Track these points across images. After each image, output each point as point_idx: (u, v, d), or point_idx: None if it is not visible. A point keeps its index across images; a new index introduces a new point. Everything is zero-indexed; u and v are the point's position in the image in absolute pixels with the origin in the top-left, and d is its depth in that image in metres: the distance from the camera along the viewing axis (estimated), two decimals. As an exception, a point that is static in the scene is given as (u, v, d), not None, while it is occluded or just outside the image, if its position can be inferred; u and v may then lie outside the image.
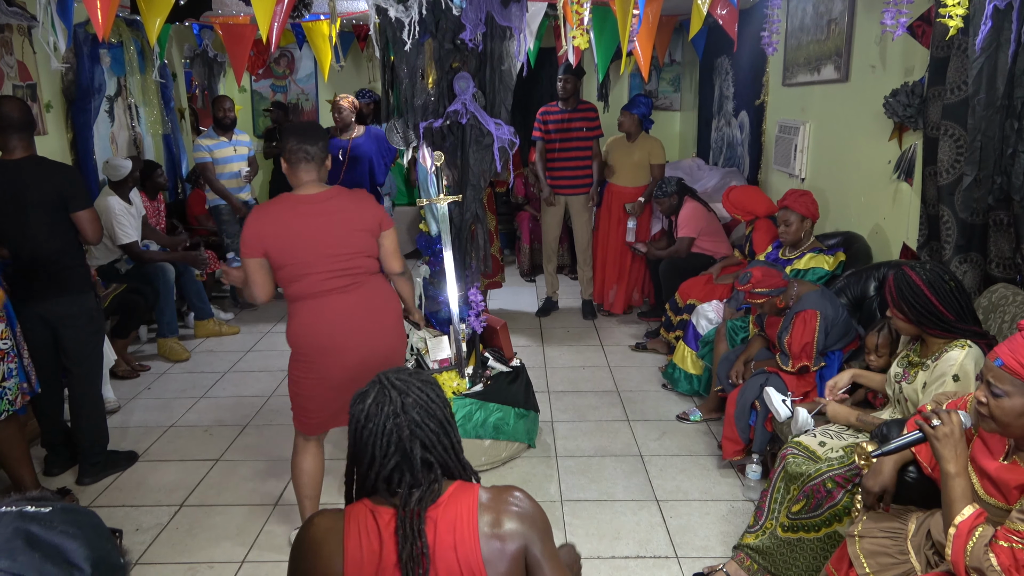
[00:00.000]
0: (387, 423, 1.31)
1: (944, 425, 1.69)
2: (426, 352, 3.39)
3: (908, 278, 2.30)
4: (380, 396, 1.33)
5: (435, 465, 1.34)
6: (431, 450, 1.34)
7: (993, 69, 2.52)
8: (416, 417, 1.32)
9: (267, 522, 3.00)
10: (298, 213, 2.47)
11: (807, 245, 3.71)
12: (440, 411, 1.37)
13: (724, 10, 3.57)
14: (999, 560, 1.50)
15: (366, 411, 1.33)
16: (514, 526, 1.32)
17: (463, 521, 1.31)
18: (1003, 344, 1.63)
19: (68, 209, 3.03)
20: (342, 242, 2.50)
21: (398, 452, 1.31)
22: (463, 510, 1.32)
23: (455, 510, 1.32)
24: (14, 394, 2.88)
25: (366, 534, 1.31)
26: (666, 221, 5.36)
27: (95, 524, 0.81)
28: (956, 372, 2.19)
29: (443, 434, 1.36)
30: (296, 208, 2.48)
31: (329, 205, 2.50)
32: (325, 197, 2.51)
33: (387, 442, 1.31)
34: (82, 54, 4.82)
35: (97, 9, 2.48)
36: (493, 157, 3.16)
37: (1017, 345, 1.59)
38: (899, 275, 2.34)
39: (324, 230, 2.47)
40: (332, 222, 2.49)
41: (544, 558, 1.33)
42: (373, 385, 1.37)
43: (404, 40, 2.92)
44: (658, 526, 2.94)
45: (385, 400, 1.33)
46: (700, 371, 4.08)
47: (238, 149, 5.69)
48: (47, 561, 0.73)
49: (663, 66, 7.35)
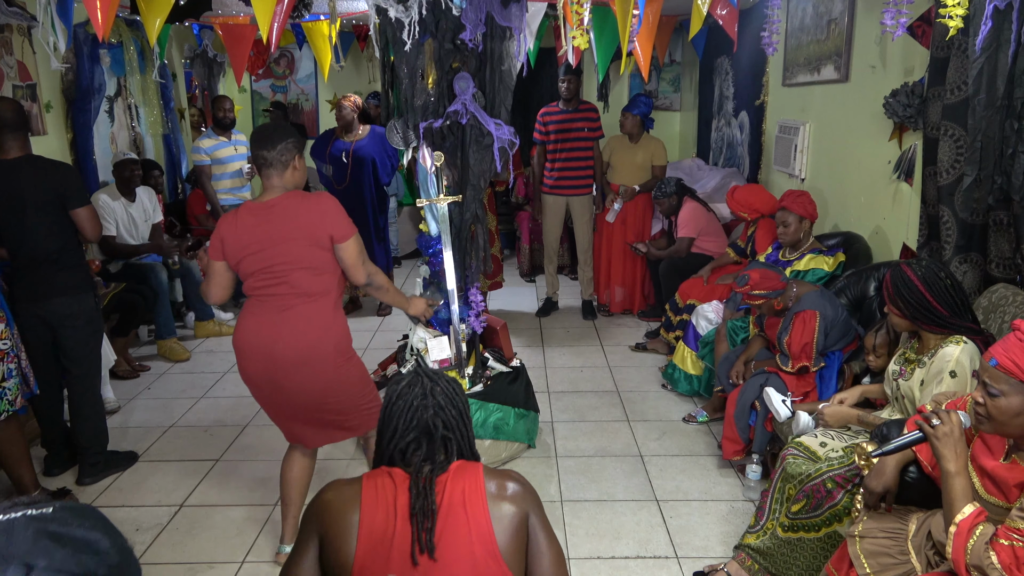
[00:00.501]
0: (415, 401, 1.47)
1: (944, 425, 1.70)
2: (426, 352, 3.39)
3: (903, 274, 2.33)
4: (413, 380, 1.51)
5: (452, 444, 1.48)
6: (452, 431, 1.48)
7: (993, 69, 2.52)
8: (441, 401, 1.48)
9: (267, 522, 3.00)
10: (247, 220, 2.41)
11: (807, 246, 3.71)
12: (461, 404, 1.52)
13: (724, 10, 3.57)
14: (1000, 558, 1.51)
15: (399, 391, 1.50)
16: (517, 490, 1.47)
17: (471, 485, 1.44)
18: (997, 344, 1.65)
19: (66, 207, 3.02)
20: (277, 251, 2.39)
21: (419, 427, 1.46)
22: (470, 477, 1.46)
23: (463, 477, 1.45)
24: (14, 394, 2.87)
25: (382, 487, 1.44)
26: (666, 221, 5.37)
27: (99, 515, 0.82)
28: (953, 368, 2.20)
29: (461, 422, 1.51)
30: (248, 214, 2.42)
31: (272, 212, 2.41)
32: (271, 204, 2.42)
33: (411, 417, 1.46)
34: (82, 54, 4.82)
35: (97, 9, 2.48)
36: (493, 157, 3.16)
37: (1011, 344, 1.61)
38: (895, 271, 2.37)
39: (263, 238, 2.39)
40: (271, 230, 2.39)
41: (541, 528, 1.47)
42: (410, 373, 1.54)
43: (404, 40, 2.92)
44: (658, 526, 2.94)
45: (417, 383, 1.50)
46: (700, 371, 4.08)
47: (239, 148, 5.70)
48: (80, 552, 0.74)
49: (663, 66, 7.35)
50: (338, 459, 3.46)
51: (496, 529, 1.40)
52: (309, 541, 1.44)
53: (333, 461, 3.43)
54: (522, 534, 1.44)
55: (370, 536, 1.39)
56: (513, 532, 1.42)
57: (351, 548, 1.38)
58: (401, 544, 1.38)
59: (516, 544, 1.42)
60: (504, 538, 1.41)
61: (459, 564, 1.37)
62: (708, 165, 6.50)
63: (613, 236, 5.52)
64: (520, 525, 1.43)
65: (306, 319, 2.44)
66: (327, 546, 1.42)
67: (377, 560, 1.38)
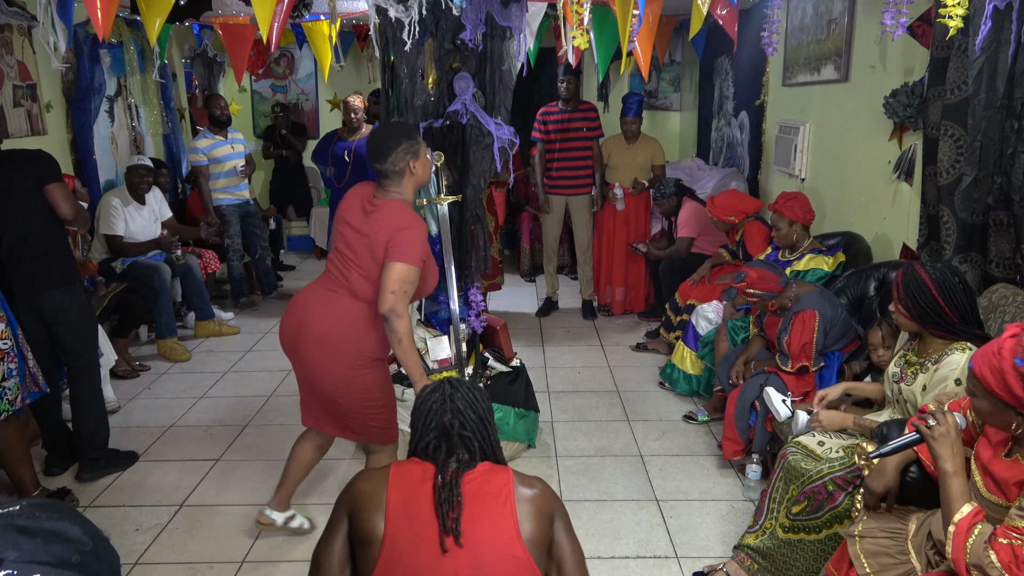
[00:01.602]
0: (434, 405, 1.61)
1: (940, 425, 1.72)
2: (426, 352, 3.39)
3: (917, 275, 2.28)
4: (438, 386, 1.65)
5: (474, 444, 1.59)
6: (473, 432, 1.59)
7: (993, 69, 2.52)
8: (459, 406, 1.61)
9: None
10: (359, 204, 2.56)
11: (806, 246, 3.71)
12: (481, 408, 1.64)
13: (724, 10, 3.57)
14: (999, 557, 1.51)
15: (423, 396, 1.65)
16: (544, 493, 1.57)
17: (499, 484, 1.54)
18: (982, 347, 1.69)
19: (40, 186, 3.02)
20: (353, 243, 2.50)
21: (438, 428, 1.59)
22: (499, 477, 1.56)
23: (493, 477, 1.56)
24: (14, 394, 2.88)
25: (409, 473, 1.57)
26: (666, 221, 5.37)
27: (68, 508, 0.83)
28: (958, 376, 2.19)
29: (481, 425, 1.61)
30: (364, 201, 2.57)
31: (373, 213, 2.51)
32: (378, 205, 2.51)
33: (431, 419, 1.60)
34: (82, 54, 4.82)
35: (97, 9, 2.48)
36: (493, 157, 3.16)
37: (988, 351, 1.64)
38: (908, 271, 2.32)
39: (355, 226, 2.51)
40: (363, 224, 2.50)
41: (565, 530, 1.58)
42: (436, 381, 1.68)
43: (404, 40, 2.92)
44: (658, 526, 2.94)
45: (440, 389, 1.64)
46: (699, 371, 4.08)
47: (235, 147, 5.72)
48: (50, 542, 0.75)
49: (663, 66, 7.35)
50: (339, 459, 3.46)
51: (523, 527, 1.50)
52: (340, 520, 1.58)
53: (334, 461, 3.43)
54: (546, 534, 1.54)
55: (396, 513, 1.51)
56: (539, 531, 1.51)
57: (380, 523, 1.51)
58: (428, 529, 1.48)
59: (540, 542, 1.52)
60: (530, 535, 1.50)
61: (486, 552, 1.47)
62: (708, 165, 6.50)
63: (613, 236, 5.52)
64: (545, 525, 1.53)
65: (343, 310, 2.50)
66: (355, 522, 1.55)
67: (405, 537, 1.49)
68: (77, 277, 3.27)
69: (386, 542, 1.49)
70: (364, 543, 1.52)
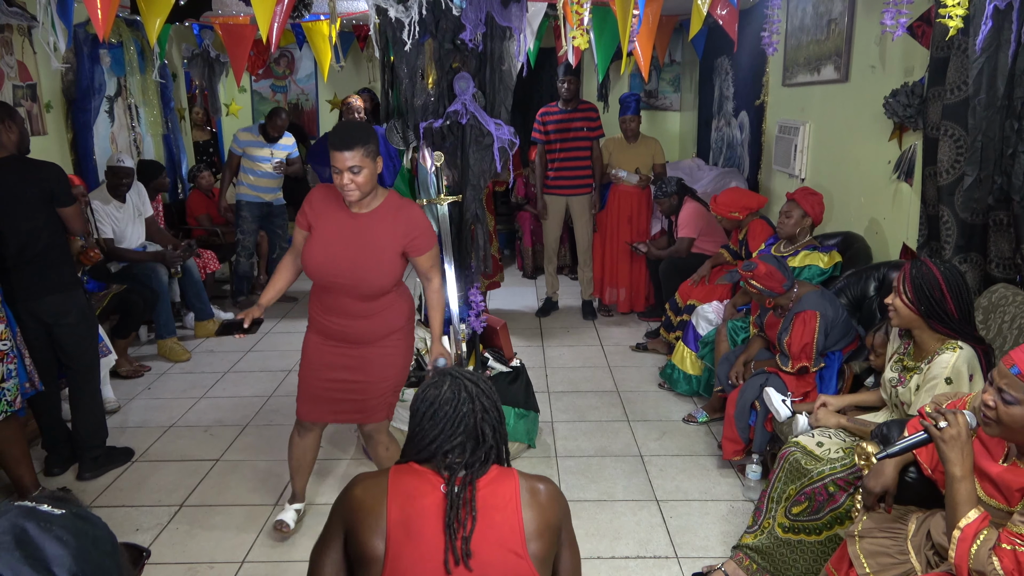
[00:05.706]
0: (463, 407, 1.50)
1: (951, 427, 1.65)
2: (426, 352, 3.39)
3: (928, 268, 2.28)
4: (455, 385, 1.53)
5: (493, 448, 1.52)
6: (497, 434, 1.53)
7: (993, 69, 2.52)
8: (486, 405, 1.53)
9: (267, 522, 2.99)
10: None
11: (803, 242, 3.71)
12: (498, 408, 1.57)
13: (724, 10, 3.57)
14: (1003, 564, 1.50)
15: (442, 396, 1.51)
16: (551, 497, 1.52)
17: (507, 491, 1.49)
18: (1021, 351, 1.60)
19: (55, 205, 3.06)
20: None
21: (465, 431, 1.49)
22: (506, 487, 1.50)
23: (500, 483, 1.50)
24: (13, 394, 2.88)
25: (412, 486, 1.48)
26: (666, 221, 5.37)
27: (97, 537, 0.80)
28: (949, 375, 2.19)
29: (500, 424, 1.56)
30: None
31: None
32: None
33: (459, 422, 1.49)
34: (82, 54, 4.82)
35: (97, 9, 2.48)
36: (493, 157, 3.16)
37: None
38: (918, 264, 2.31)
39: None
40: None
41: (567, 539, 1.55)
42: (445, 378, 1.55)
43: (404, 40, 2.92)
44: (658, 526, 2.94)
45: (461, 388, 1.52)
46: (699, 371, 4.08)
47: (275, 152, 5.75)
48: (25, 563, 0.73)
49: (663, 66, 7.35)
50: (339, 459, 3.46)
51: (528, 535, 1.46)
52: (336, 533, 1.51)
53: (333, 461, 3.43)
54: (553, 550, 1.50)
55: (397, 533, 1.43)
56: (545, 548, 1.47)
57: (380, 544, 1.43)
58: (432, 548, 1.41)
59: (547, 560, 1.48)
60: (536, 552, 1.46)
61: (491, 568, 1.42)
62: (708, 165, 6.50)
63: (614, 236, 5.52)
64: (552, 541, 1.50)
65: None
66: (353, 539, 1.46)
67: (407, 561, 1.42)
68: (77, 281, 3.28)
69: (387, 566, 1.42)
70: (363, 562, 1.45)
